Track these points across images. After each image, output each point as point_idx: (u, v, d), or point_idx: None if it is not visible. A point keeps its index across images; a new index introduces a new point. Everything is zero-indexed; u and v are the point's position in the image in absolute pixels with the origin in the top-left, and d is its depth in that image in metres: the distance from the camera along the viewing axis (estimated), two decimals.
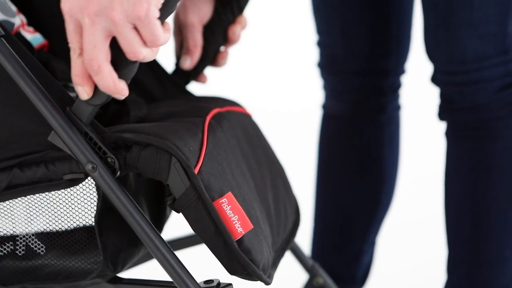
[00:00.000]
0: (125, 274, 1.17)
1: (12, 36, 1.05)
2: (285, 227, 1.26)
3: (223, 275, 1.10)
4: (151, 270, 1.35)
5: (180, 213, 1.07)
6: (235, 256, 1.06)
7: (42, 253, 1.13)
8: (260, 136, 1.33)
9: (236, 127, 1.25)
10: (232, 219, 1.06)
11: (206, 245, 1.07)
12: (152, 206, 1.23)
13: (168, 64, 1.41)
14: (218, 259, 1.07)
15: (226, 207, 1.06)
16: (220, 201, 1.06)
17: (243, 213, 1.07)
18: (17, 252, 1.13)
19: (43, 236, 1.13)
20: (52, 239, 1.13)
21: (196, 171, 1.05)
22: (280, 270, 1.20)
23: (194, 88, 1.43)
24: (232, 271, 1.07)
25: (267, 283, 1.10)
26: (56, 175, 1.07)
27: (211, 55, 1.40)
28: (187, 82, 1.42)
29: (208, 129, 1.14)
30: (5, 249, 1.14)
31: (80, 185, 1.10)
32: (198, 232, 1.06)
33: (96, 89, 1.03)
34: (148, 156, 1.05)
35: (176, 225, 1.36)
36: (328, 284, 1.49)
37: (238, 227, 1.06)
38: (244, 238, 1.07)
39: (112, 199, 1.04)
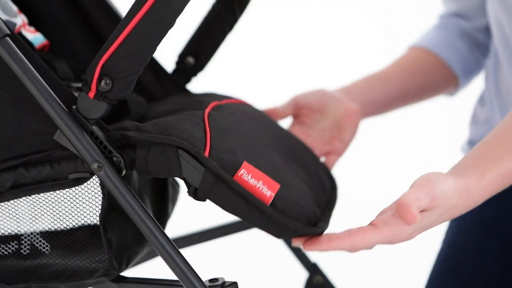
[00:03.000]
0: (126, 273, 1.17)
1: (16, 35, 1.05)
2: (323, 188, 1.23)
3: (228, 274, 1.10)
4: (152, 269, 1.35)
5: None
6: (274, 220, 1.04)
7: (47, 252, 1.13)
8: (266, 117, 1.32)
9: (237, 113, 1.24)
10: (257, 186, 1.04)
11: (243, 219, 1.06)
12: (155, 204, 1.24)
13: (168, 63, 1.42)
14: (260, 229, 1.05)
15: (247, 177, 1.04)
16: (239, 174, 1.04)
17: (265, 176, 1.05)
18: (21, 251, 1.13)
19: (47, 235, 1.13)
20: (56, 238, 1.13)
21: (206, 154, 1.05)
22: (280, 268, 1.21)
23: (194, 87, 1.43)
24: (278, 235, 1.06)
25: (319, 233, 1.08)
26: (61, 175, 1.07)
27: (211, 52, 1.41)
28: (187, 81, 1.42)
29: (208, 118, 1.14)
30: (10, 248, 1.14)
31: (85, 184, 1.10)
32: (230, 210, 1.05)
33: None
34: (156, 157, 1.05)
35: (179, 223, 1.36)
36: (328, 283, 1.50)
37: (266, 191, 1.05)
38: (276, 199, 1.05)
39: (118, 198, 1.04)
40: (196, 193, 1.05)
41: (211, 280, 1.06)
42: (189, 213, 1.66)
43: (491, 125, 1.52)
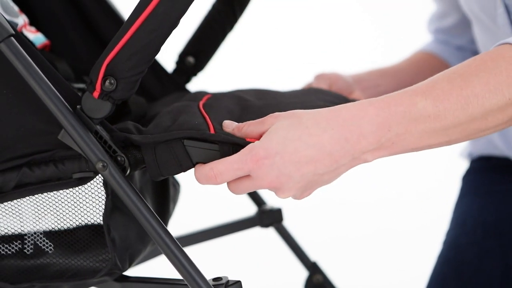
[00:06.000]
0: (129, 272, 1.17)
1: (21, 35, 1.05)
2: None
3: (228, 273, 1.10)
4: (154, 268, 1.35)
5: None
6: None
7: (50, 251, 1.13)
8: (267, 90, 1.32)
9: (231, 98, 1.25)
10: None
11: None
12: (156, 203, 1.24)
13: (168, 63, 1.42)
14: None
15: None
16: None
17: None
18: (25, 250, 1.14)
19: (51, 234, 1.13)
20: (60, 238, 1.13)
21: (212, 132, 1.05)
22: (280, 268, 1.21)
23: (194, 87, 1.43)
24: None
25: None
26: (65, 174, 1.08)
27: (211, 51, 1.41)
28: (188, 80, 1.43)
29: (204, 107, 1.14)
30: (13, 247, 1.14)
31: (88, 183, 1.10)
32: None
33: None
34: (165, 157, 1.05)
35: (181, 223, 1.37)
36: (327, 282, 1.50)
37: None
38: None
39: (123, 197, 1.04)
40: None
41: (215, 279, 1.07)
42: (191, 212, 1.66)
43: (489, 140, 1.53)
